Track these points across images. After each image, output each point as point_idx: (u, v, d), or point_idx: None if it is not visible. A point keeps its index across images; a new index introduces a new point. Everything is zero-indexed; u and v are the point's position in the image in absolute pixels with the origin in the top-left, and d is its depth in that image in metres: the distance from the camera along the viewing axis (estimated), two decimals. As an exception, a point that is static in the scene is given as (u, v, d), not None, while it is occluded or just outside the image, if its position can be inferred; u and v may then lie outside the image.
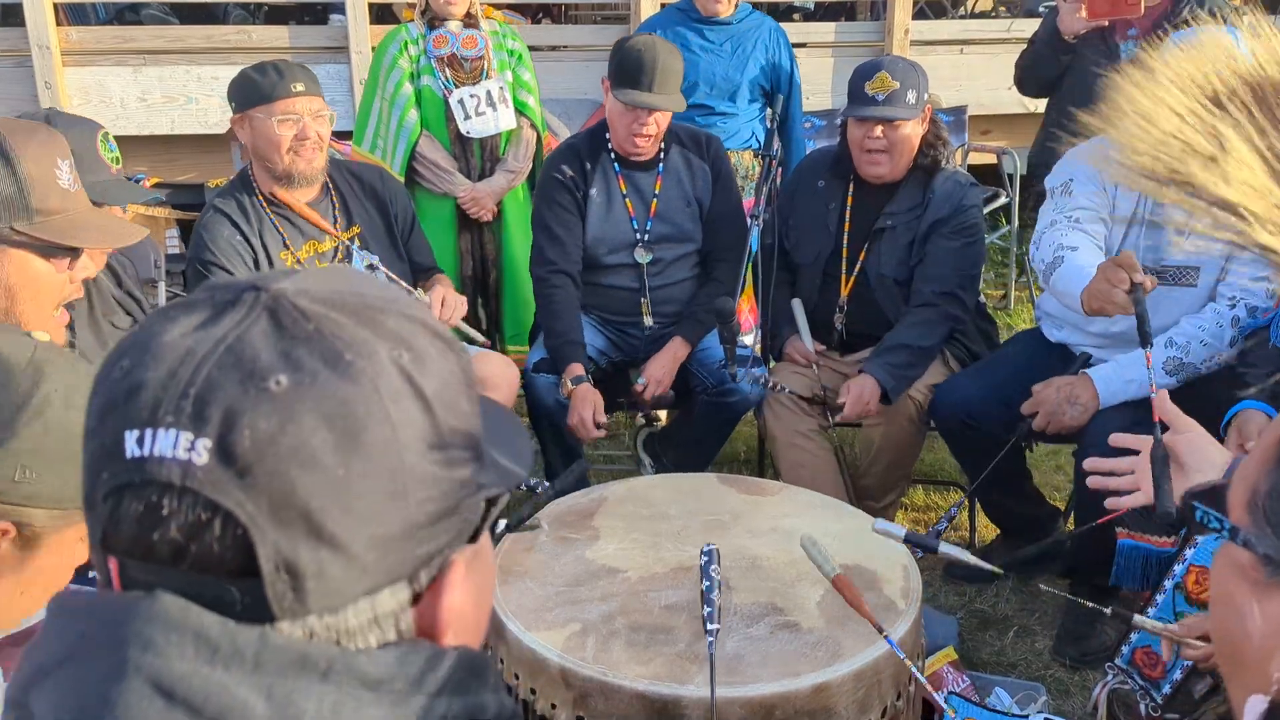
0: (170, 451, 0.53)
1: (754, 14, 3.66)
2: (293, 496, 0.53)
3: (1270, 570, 0.67)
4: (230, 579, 0.54)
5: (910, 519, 3.20)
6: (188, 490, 0.53)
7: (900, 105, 2.67)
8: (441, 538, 0.59)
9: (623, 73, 2.74)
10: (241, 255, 2.59)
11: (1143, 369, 2.37)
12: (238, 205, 2.63)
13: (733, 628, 1.73)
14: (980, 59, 5.26)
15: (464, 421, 0.60)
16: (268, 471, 0.53)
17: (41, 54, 4.62)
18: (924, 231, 2.78)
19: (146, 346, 0.56)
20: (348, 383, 0.55)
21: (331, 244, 2.70)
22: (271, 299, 0.57)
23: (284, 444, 0.53)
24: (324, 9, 5.21)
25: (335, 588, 0.55)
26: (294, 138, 2.58)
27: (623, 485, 2.29)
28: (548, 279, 2.87)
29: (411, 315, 0.60)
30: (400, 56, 3.46)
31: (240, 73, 2.63)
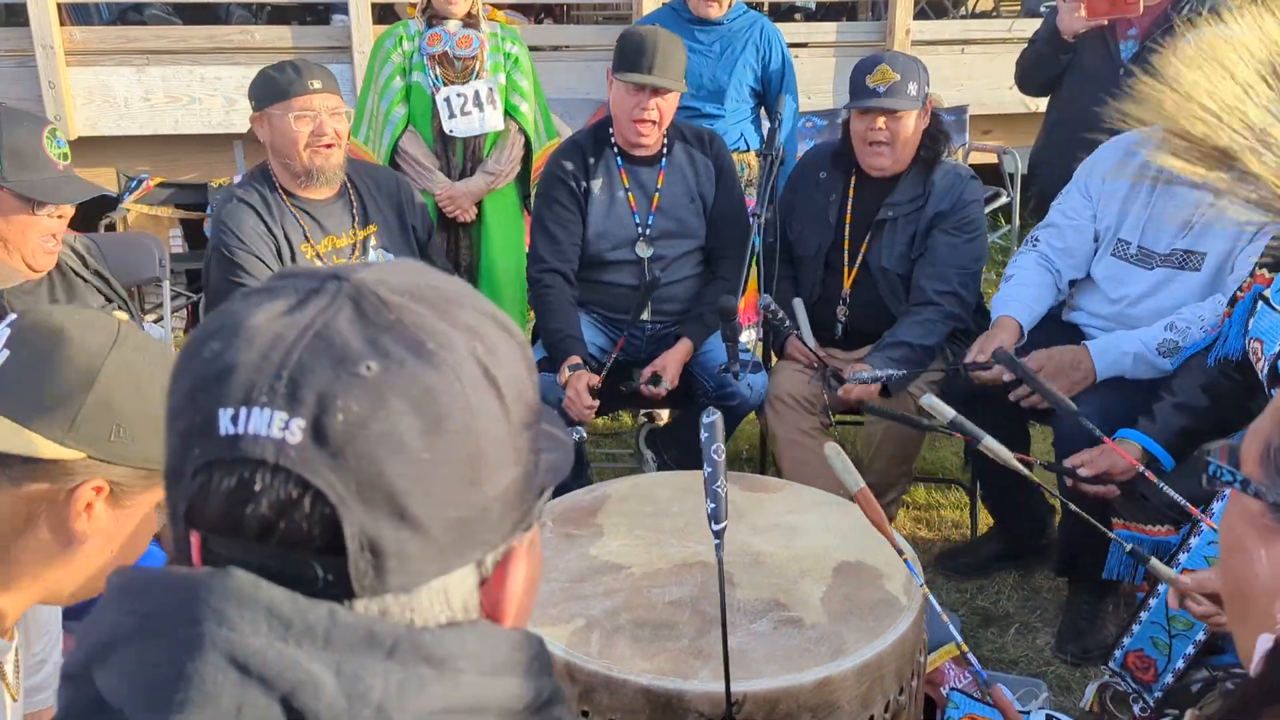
0: (265, 430, 0.55)
1: (747, 14, 3.64)
2: (380, 478, 0.55)
3: (1278, 518, 0.73)
4: (315, 555, 0.56)
5: (912, 517, 3.21)
6: (281, 468, 0.55)
7: (902, 97, 2.68)
8: (507, 524, 0.62)
9: (624, 56, 2.77)
10: (267, 245, 2.61)
11: (1139, 345, 2.40)
12: (260, 197, 2.65)
13: (736, 624, 1.74)
14: (981, 59, 5.27)
15: (528, 412, 0.63)
16: (358, 453, 0.55)
17: (45, 54, 4.63)
18: (925, 225, 2.79)
19: (235, 330, 0.58)
20: (432, 370, 0.57)
21: (349, 240, 2.72)
22: (354, 288, 0.59)
23: (374, 427, 0.55)
24: (326, 9, 5.22)
25: (413, 567, 0.57)
26: (311, 134, 2.60)
27: (626, 482, 2.30)
28: (540, 279, 2.88)
29: (481, 308, 0.63)
30: (394, 51, 3.47)
31: (260, 72, 2.66)
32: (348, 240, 2.72)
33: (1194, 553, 2.02)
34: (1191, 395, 2.22)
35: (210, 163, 5.01)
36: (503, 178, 3.52)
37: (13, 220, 2.01)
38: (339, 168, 2.69)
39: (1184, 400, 2.22)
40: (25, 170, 2.03)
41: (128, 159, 4.94)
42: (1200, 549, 2.01)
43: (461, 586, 0.60)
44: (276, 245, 2.62)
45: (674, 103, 2.85)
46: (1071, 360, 2.46)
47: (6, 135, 2.01)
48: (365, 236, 2.75)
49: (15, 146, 2.01)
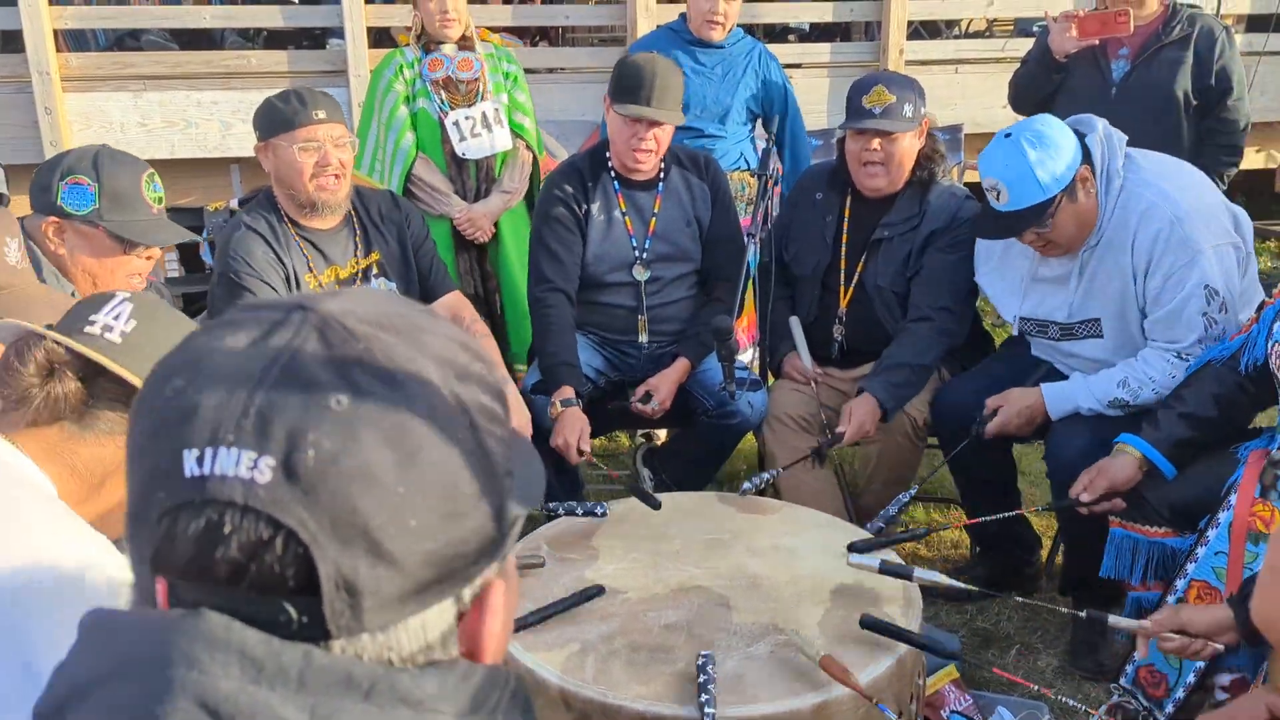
0: (233, 470, 0.53)
1: (745, 39, 3.69)
2: (354, 515, 0.54)
3: None
4: (288, 597, 0.54)
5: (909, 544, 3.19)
6: (250, 509, 0.53)
7: (897, 118, 2.69)
8: (484, 556, 0.60)
9: (622, 87, 2.76)
10: (277, 272, 2.59)
11: (1091, 401, 2.42)
12: (267, 224, 2.64)
13: (733, 647, 1.73)
14: (975, 78, 5.29)
15: (501, 441, 0.62)
16: (330, 490, 0.54)
17: (42, 79, 4.64)
18: (920, 243, 2.79)
19: (198, 365, 0.57)
20: (404, 402, 0.56)
21: (352, 269, 2.71)
22: (320, 318, 0.58)
23: (347, 463, 0.54)
24: (322, 33, 5.24)
25: (390, 605, 0.55)
26: (316, 164, 2.58)
27: (622, 505, 2.29)
28: (543, 298, 2.88)
29: (452, 335, 0.62)
30: (396, 80, 3.49)
31: (264, 100, 2.65)
32: (350, 269, 2.71)
33: (1202, 563, 2.01)
34: (1202, 405, 2.21)
35: (207, 187, 5.02)
36: (517, 195, 3.58)
37: (105, 260, 2.11)
38: (345, 198, 2.67)
39: (1193, 410, 2.21)
40: (122, 212, 2.11)
41: (124, 184, 4.94)
42: (1208, 559, 2.00)
43: (440, 623, 0.58)
44: (286, 273, 2.61)
45: (671, 131, 2.86)
46: (1029, 405, 2.51)
47: (106, 177, 2.09)
48: (367, 265, 2.74)
49: (114, 189, 2.10)
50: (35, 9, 4.57)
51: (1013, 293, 2.65)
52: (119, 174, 2.12)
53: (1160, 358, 2.40)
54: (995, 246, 2.67)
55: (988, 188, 2.43)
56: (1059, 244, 2.44)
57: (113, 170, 2.12)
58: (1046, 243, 2.44)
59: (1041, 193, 2.33)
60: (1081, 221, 2.42)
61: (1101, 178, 2.41)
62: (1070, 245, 2.45)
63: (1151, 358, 2.41)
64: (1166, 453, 2.21)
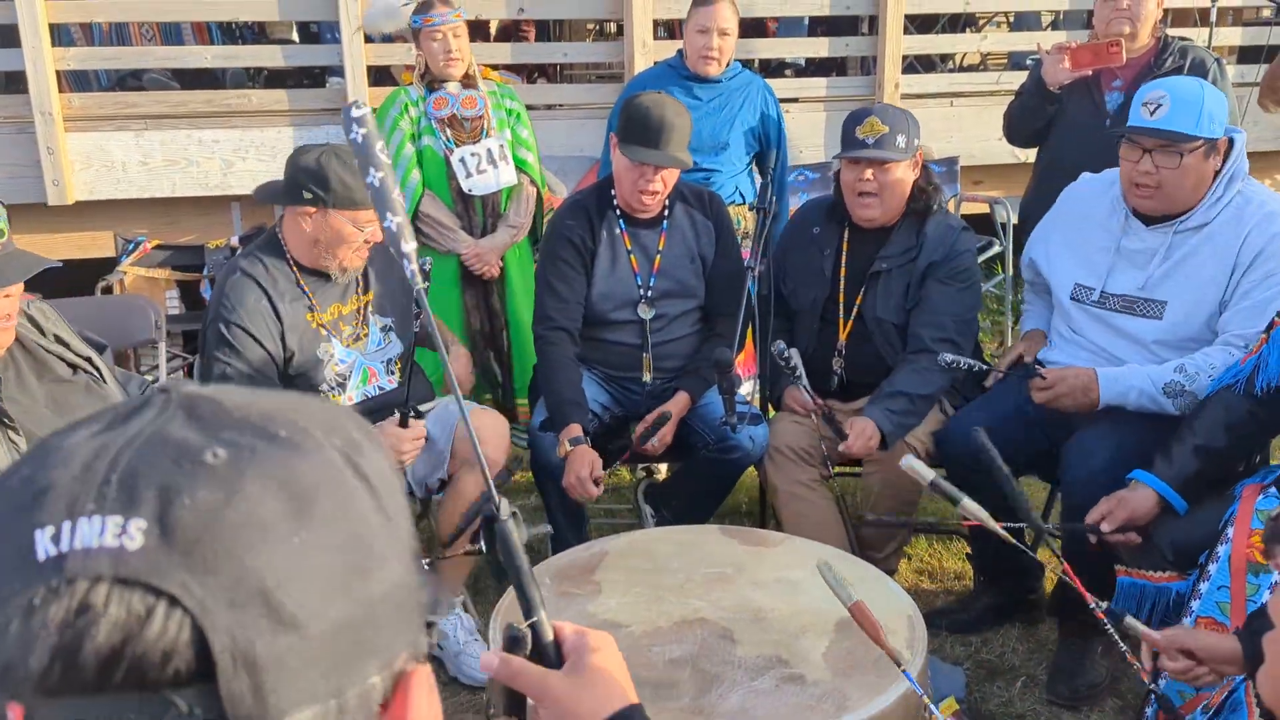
0: (97, 540, 0.45)
1: (743, 73, 3.72)
2: (245, 572, 0.46)
3: None
4: (175, 688, 0.45)
5: (914, 568, 3.18)
6: (121, 580, 0.44)
7: (890, 148, 2.71)
8: (400, 636, 0.52)
9: (630, 129, 2.77)
10: (267, 323, 2.56)
11: (1146, 383, 2.40)
12: (265, 269, 2.60)
13: (738, 681, 1.72)
14: (970, 111, 5.34)
15: (404, 516, 0.55)
16: (214, 547, 0.46)
17: (44, 120, 4.68)
18: (919, 275, 2.80)
19: (48, 452, 0.49)
20: (291, 452, 0.50)
21: (354, 306, 2.72)
22: (186, 398, 0.51)
23: (230, 515, 0.46)
24: (323, 72, 5.29)
25: (298, 682, 0.47)
26: (356, 249, 2.61)
27: (624, 539, 2.29)
28: (545, 336, 2.88)
29: (334, 408, 0.57)
30: (401, 118, 3.52)
31: (330, 165, 2.54)
32: (352, 306, 2.72)
33: (1205, 599, 2.00)
34: (1213, 436, 2.21)
35: (208, 224, 5.04)
36: (523, 230, 3.62)
37: None
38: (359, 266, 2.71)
39: (1204, 442, 2.21)
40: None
41: (126, 222, 4.97)
42: (1211, 594, 1.99)
43: (359, 710, 0.49)
44: (281, 327, 2.58)
45: (678, 174, 2.88)
46: (1083, 386, 2.48)
47: None
48: (366, 302, 2.75)
49: None
50: (38, 51, 4.61)
51: (1080, 261, 2.63)
52: None
53: (1223, 351, 2.40)
54: (1079, 211, 2.67)
55: (1147, 100, 2.43)
56: (1164, 190, 2.44)
57: None
58: (1157, 184, 2.43)
59: (1194, 125, 2.37)
60: (1195, 184, 2.44)
61: (1227, 171, 2.45)
62: (1169, 200, 2.45)
63: (1213, 350, 2.42)
64: (1179, 489, 2.20)
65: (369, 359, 2.73)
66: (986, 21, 6.16)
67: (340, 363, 2.67)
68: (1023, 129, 3.52)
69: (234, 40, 5.27)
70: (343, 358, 2.68)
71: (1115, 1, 3.28)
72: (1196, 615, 2.02)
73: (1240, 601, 1.94)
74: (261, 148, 4.91)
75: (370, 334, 2.73)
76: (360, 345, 2.71)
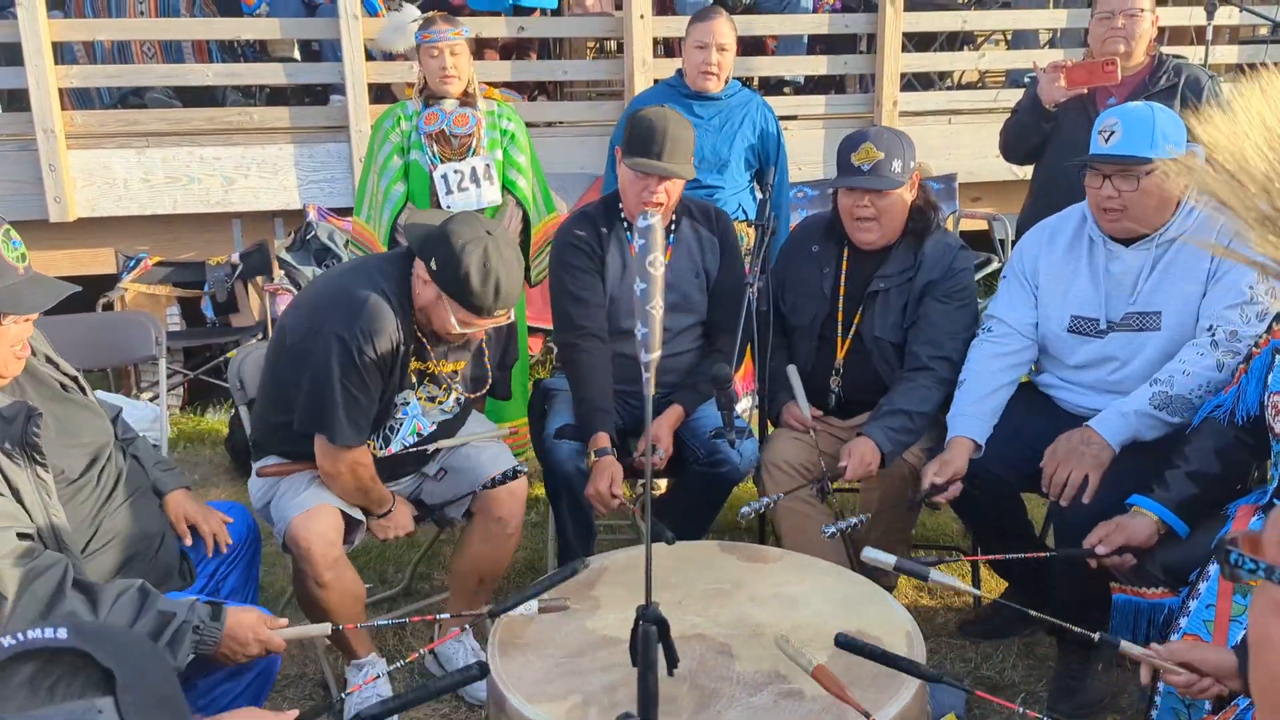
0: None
1: (742, 91, 3.74)
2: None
3: None
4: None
5: (913, 585, 3.18)
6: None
7: (886, 175, 2.72)
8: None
9: (634, 141, 2.79)
10: (388, 360, 2.40)
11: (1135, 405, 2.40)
12: (399, 304, 2.42)
13: (736, 697, 1.72)
14: (968, 128, 5.37)
15: None
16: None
17: (46, 137, 4.70)
18: (917, 294, 2.81)
19: None
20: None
21: (452, 367, 2.61)
22: None
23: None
24: (324, 89, 5.32)
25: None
26: (471, 338, 2.55)
27: (623, 555, 2.29)
28: (576, 343, 2.85)
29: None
30: (393, 131, 3.56)
31: (471, 255, 2.32)
32: (452, 367, 2.62)
33: (1193, 616, 2.00)
34: (1205, 462, 2.22)
35: (208, 241, 5.07)
36: None
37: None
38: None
39: (1197, 468, 2.22)
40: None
41: (127, 239, 4.99)
42: (1199, 613, 1.99)
43: None
44: (401, 355, 2.44)
45: (682, 185, 2.89)
46: (1080, 439, 2.45)
47: None
48: (459, 368, 2.64)
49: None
50: (41, 69, 4.64)
51: (1070, 296, 2.63)
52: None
53: (1191, 349, 2.42)
54: (1050, 256, 2.67)
55: (1102, 129, 2.47)
56: (1131, 212, 2.46)
57: None
58: (1123, 207, 2.46)
59: (1149, 147, 2.39)
60: (1159, 203, 2.46)
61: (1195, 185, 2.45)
62: (1137, 219, 2.47)
63: (1183, 351, 2.44)
64: (1178, 512, 2.21)
65: (427, 417, 2.60)
66: (984, 40, 6.21)
67: (405, 414, 2.55)
68: (1019, 146, 3.54)
69: (235, 58, 5.30)
70: (413, 413, 2.56)
71: (1111, 20, 3.30)
72: (1184, 631, 2.03)
73: (1224, 620, 1.95)
74: (263, 165, 4.94)
75: (448, 401, 2.63)
76: (433, 406, 2.61)
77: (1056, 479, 2.43)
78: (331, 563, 2.39)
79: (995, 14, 5.86)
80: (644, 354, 1.38)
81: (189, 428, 4.64)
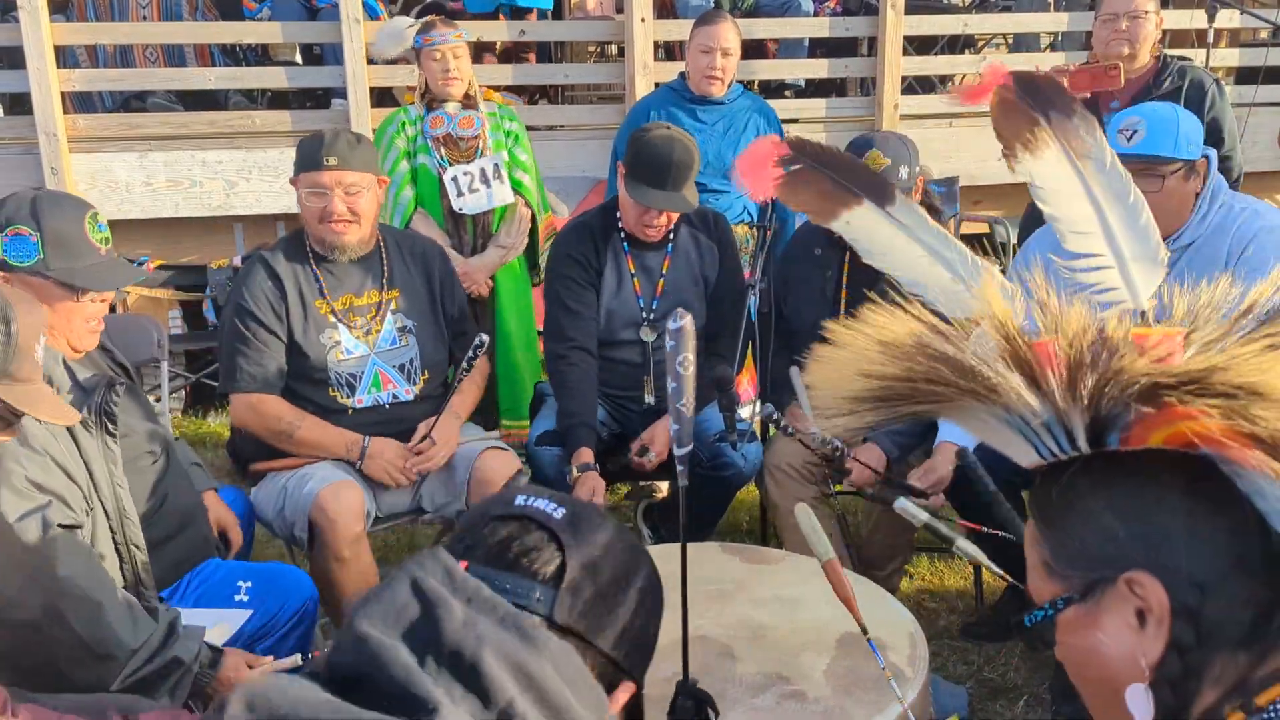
0: None
1: (745, 94, 3.74)
2: None
3: (1092, 598, 0.80)
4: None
5: (916, 587, 3.17)
6: None
7: (893, 181, 2.72)
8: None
9: (639, 168, 2.77)
10: (271, 303, 2.62)
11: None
12: (283, 254, 2.67)
13: (738, 699, 1.71)
14: (969, 131, 5.36)
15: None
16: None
17: (49, 141, 4.70)
18: (920, 298, 2.81)
19: None
20: None
21: (369, 300, 2.72)
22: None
23: None
24: (326, 93, 5.32)
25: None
26: (322, 210, 2.59)
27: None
28: (566, 355, 2.86)
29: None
30: (398, 136, 3.55)
31: (304, 142, 2.67)
32: (368, 300, 2.71)
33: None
34: None
35: (210, 245, 5.06)
36: (514, 250, 3.62)
37: (57, 307, 1.99)
38: (360, 243, 2.67)
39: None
40: (69, 258, 1.99)
41: (129, 242, 4.98)
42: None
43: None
44: (285, 304, 2.62)
45: None
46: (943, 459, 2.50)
47: (48, 225, 1.98)
48: (388, 299, 2.73)
49: (58, 235, 1.98)
50: (43, 73, 4.64)
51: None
52: (60, 219, 2.00)
53: None
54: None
55: (1123, 128, 2.44)
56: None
57: (53, 216, 1.99)
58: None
59: (1173, 148, 2.37)
60: (1178, 206, 2.44)
61: (1207, 189, 2.45)
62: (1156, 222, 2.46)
63: None
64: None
65: (381, 358, 2.70)
66: (985, 43, 6.20)
67: (347, 353, 2.66)
68: (1022, 149, 3.54)
69: (237, 62, 5.30)
70: (350, 348, 2.67)
71: (1114, 23, 3.30)
72: None
73: None
74: (265, 169, 4.93)
75: (384, 330, 2.71)
76: (371, 339, 2.69)
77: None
78: (354, 539, 2.45)
79: (996, 17, 5.86)
80: (677, 448, 1.57)
81: (191, 431, 4.64)
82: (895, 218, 1.12)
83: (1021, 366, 0.83)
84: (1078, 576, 0.82)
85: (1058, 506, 0.84)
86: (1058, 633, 0.84)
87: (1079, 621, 0.82)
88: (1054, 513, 0.85)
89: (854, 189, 1.10)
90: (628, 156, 2.83)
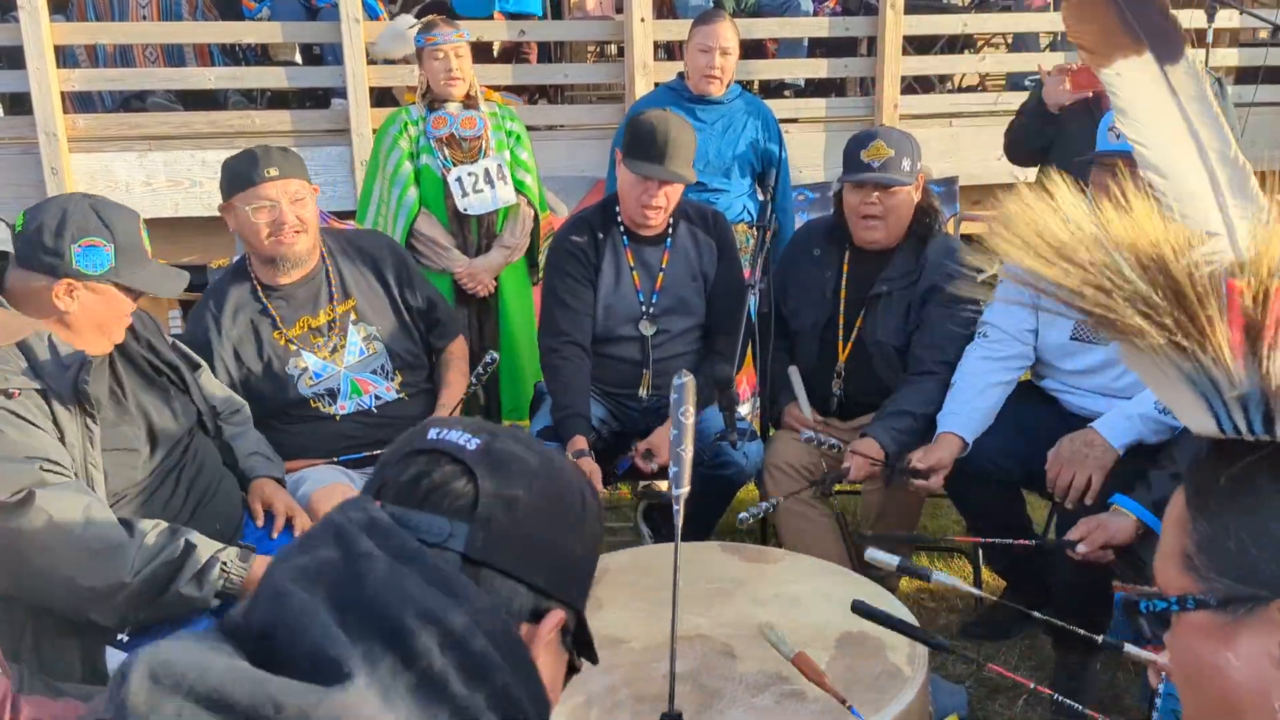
0: None
1: (743, 94, 3.75)
2: None
3: (1231, 611, 0.70)
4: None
5: (915, 585, 3.17)
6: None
7: (895, 172, 2.73)
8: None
9: (635, 144, 2.79)
10: (216, 348, 2.57)
11: (1139, 408, 2.39)
12: (230, 291, 2.63)
13: (738, 697, 1.71)
14: (969, 131, 5.36)
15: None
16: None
17: (49, 140, 4.70)
18: (920, 297, 2.81)
19: None
20: None
21: (327, 317, 2.68)
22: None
23: None
24: (325, 93, 5.32)
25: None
26: (271, 223, 2.55)
27: (625, 555, 2.29)
28: (559, 349, 2.87)
29: None
30: (400, 137, 3.55)
31: (224, 161, 2.63)
32: (325, 317, 2.67)
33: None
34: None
35: (210, 244, 5.06)
36: (518, 250, 3.62)
37: (114, 308, 2.10)
38: (308, 252, 2.63)
39: (1181, 470, 2.22)
40: (133, 265, 2.08)
41: (128, 242, 4.98)
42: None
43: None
44: (235, 342, 2.58)
45: (681, 189, 2.88)
46: (1083, 442, 2.44)
47: (119, 235, 2.06)
48: (345, 311, 2.69)
49: (126, 244, 2.07)
50: (43, 72, 4.65)
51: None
52: (125, 228, 2.09)
53: None
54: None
55: (1113, 125, 2.44)
56: None
57: (120, 226, 2.07)
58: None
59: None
60: None
61: None
62: None
63: None
64: (1157, 511, 2.21)
65: (352, 370, 2.66)
66: (985, 43, 6.20)
67: (316, 376, 2.62)
68: (1023, 148, 3.55)
69: (237, 62, 5.30)
70: (318, 371, 2.63)
71: (1114, 22, 3.31)
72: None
73: None
74: (264, 168, 4.92)
75: (350, 343, 2.68)
76: (337, 357, 2.65)
77: (1060, 482, 2.43)
78: None
79: (996, 17, 5.86)
80: (675, 488, 1.68)
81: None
82: (1172, 83, 0.92)
83: (1250, 328, 0.70)
84: (1221, 583, 0.71)
85: (1223, 495, 0.72)
86: (1176, 630, 0.75)
87: (1207, 631, 0.71)
88: (1216, 501, 0.72)
89: (1139, 31, 0.91)
90: (624, 138, 2.85)
